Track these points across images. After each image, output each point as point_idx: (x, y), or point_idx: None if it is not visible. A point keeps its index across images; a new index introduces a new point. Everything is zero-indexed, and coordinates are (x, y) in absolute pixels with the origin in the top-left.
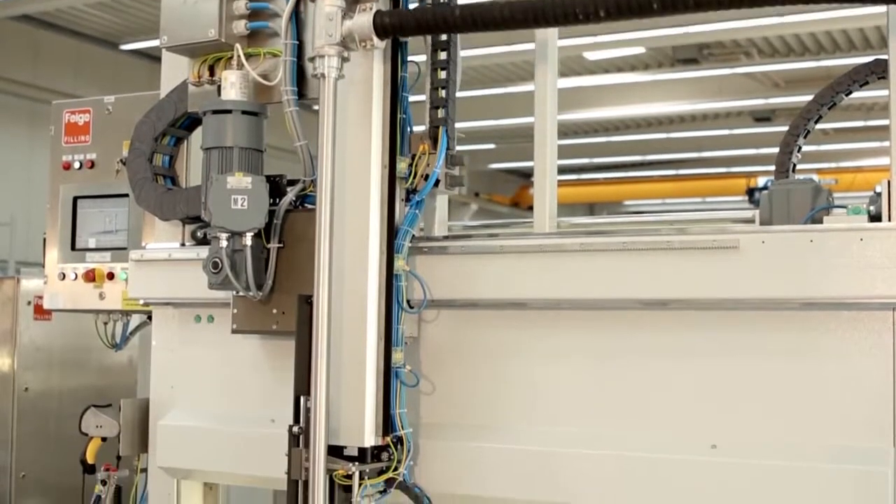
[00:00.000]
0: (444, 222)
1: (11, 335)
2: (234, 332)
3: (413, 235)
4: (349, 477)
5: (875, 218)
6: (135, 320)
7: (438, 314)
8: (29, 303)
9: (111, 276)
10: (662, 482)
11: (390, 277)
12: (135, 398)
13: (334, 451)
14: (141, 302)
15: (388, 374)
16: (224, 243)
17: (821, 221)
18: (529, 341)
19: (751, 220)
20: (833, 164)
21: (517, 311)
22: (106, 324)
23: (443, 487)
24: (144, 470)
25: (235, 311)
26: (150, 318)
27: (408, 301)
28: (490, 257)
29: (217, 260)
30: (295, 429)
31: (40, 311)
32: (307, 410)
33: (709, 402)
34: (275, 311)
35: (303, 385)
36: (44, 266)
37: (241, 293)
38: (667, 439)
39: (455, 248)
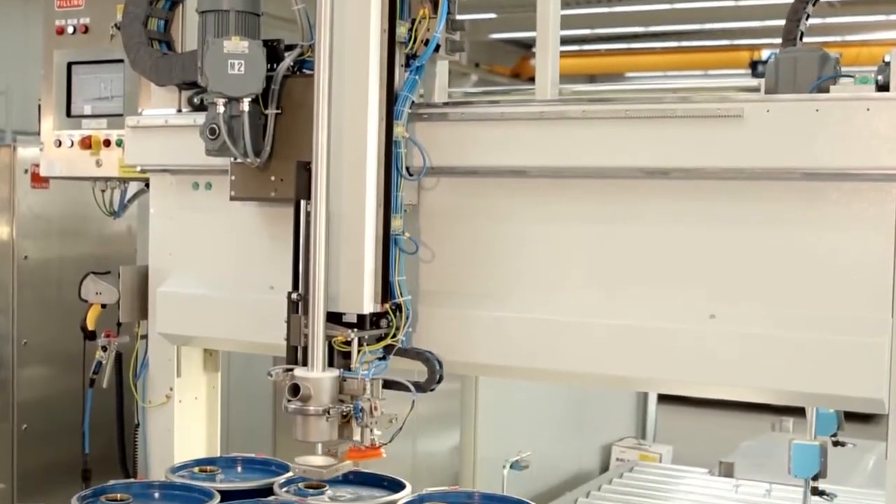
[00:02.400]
0: (445, 88)
1: (9, 204)
2: (232, 199)
3: (413, 101)
4: (348, 343)
5: (882, 88)
6: (132, 188)
7: (438, 181)
8: (26, 171)
9: (107, 143)
10: (660, 351)
11: (389, 144)
12: (134, 265)
13: (333, 318)
14: (138, 169)
15: (386, 241)
16: (221, 109)
17: (827, 90)
18: (529, 209)
19: (756, 89)
20: (838, 38)
21: (517, 179)
22: (104, 191)
23: (442, 355)
24: (145, 336)
25: (233, 177)
26: (147, 185)
27: (407, 168)
28: (491, 124)
29: (214, 126)
30: (294, 295)
31: (37, 180)
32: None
33: (708, 272)
34: (273, 177)
35: (301, 252)
36: (39, 134)
37: (238, 160)
38: (666, 309)
39: (455, 115)
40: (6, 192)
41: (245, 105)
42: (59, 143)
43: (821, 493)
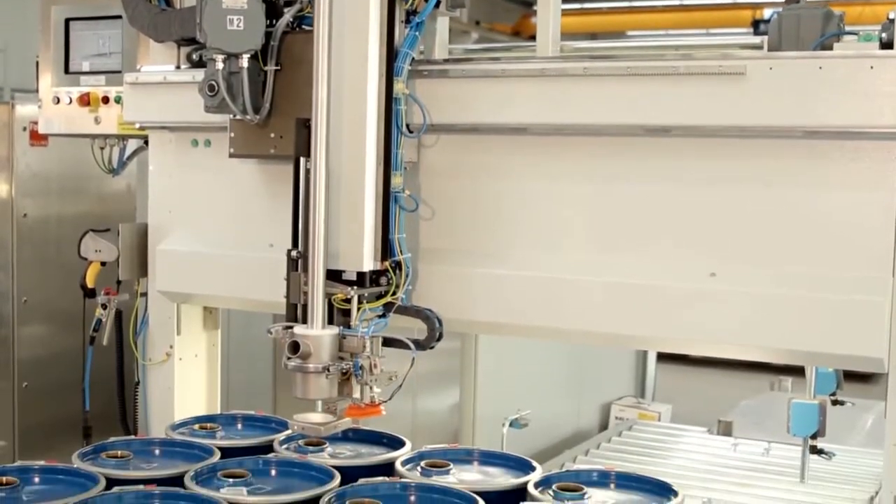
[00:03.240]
0: (445, 45)
1: (8, 162)
2: (231, 156)
3: (413, 58)
4: (348, 301)
5: (886, 45)
6: (131, 145)
7: (438, 139)
8: (24, 128)
9: (106, 99)
10: (660, 310)
11: (389, 101)
12: (133, 223)
13: (333, 276)
14: (137, 126)
15: (386, 198)
16: (220, 65)
17: (831, 48)
18: (530, 167)
19: (759, 47)
20: None
21: (518, 137)
22: (102, 149)
23: (442, 312)
24: (144, 294)
25: (233, 135)
26: (146, 142)
27: (407, 125)
28: (491, 81)
29: (213, 82)
30: (293, 253)
31: (36, 138)
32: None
33: (709, 230)
34: (272, 135)
35: (301, 209)
36: (38, 91)
37: (238, 117)
38: (666, 267)
39: (456, 72)
40: (5, 150)
41: (244, 61)
42: (58, 101)
43: (819, 452)
